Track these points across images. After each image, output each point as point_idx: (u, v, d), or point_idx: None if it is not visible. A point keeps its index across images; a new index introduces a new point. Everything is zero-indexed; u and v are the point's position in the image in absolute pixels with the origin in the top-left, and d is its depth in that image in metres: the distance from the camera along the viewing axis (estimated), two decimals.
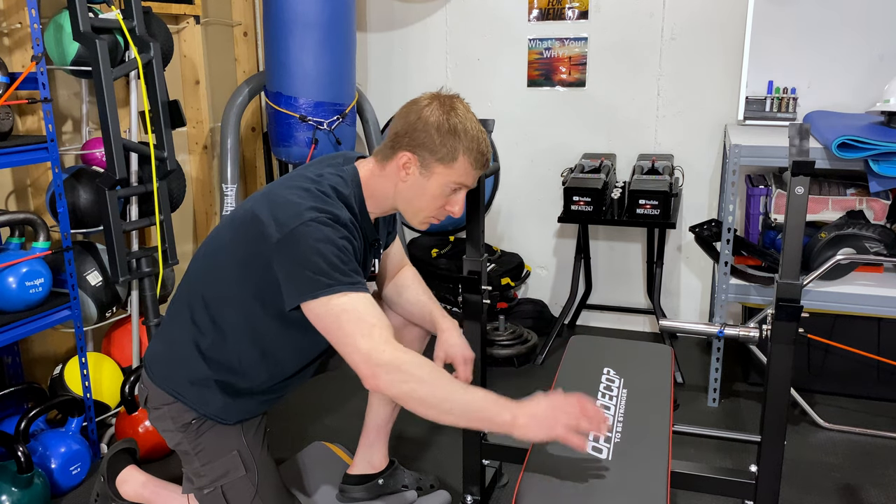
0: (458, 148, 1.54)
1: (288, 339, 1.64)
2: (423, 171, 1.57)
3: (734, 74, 3.02)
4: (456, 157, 1.55)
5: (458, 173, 1.57)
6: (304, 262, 1.44)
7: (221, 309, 1.62)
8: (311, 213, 1.47)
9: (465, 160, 1.55)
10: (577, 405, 1.35)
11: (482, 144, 1.58)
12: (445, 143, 1.54)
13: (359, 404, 2.70)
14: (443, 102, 1.57)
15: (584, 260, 3.32)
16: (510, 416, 1.36)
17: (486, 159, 1.60)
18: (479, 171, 1.60)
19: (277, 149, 3.05)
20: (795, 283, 1.56)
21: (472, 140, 1.55)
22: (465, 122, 1.55)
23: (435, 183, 1.57)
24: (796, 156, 1.54)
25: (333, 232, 1.47)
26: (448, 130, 1.54)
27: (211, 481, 1.72)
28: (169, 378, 1.69)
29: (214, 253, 1.65)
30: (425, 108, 1.56)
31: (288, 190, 1.55)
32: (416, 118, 1.56)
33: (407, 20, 3.50)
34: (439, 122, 1.54)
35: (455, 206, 1.62)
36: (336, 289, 1.44)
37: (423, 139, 1.55)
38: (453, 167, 1.56)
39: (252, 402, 1.73)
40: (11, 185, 2.47)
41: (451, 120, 1.54)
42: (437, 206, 1.61)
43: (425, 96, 1.60)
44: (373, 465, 2.03)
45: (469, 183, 1.60)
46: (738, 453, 2.37)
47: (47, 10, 2.37)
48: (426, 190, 1.58)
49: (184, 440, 1.71)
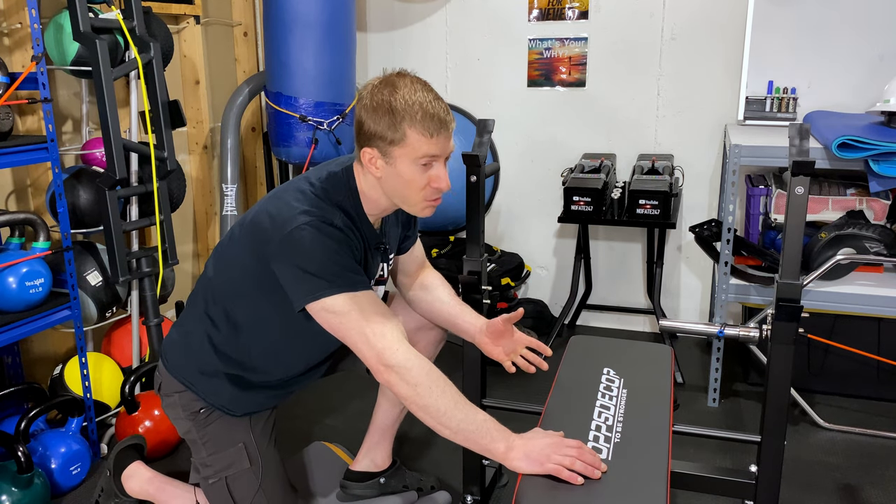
0: (401, 122, 1.47)
1: (298, 337, 1.67)
2: (387, 160, 1.52)
3: (734, 74, 3.02)
4: (404, 133, 1.48)
5: (414, 147, 1.49)
6: (302, 265, 1.46)
7: (234, 305, 1.64)
8: (305, 216, 1.48)
9: (414, 131, 1.47)
10: (575, 449, 1.33)
11: (428, 106, 1.48)
12: (388, 125, 1.48)
13: (360, 405, 2.70)
14: (376, 87, 1.51)
15: (584, 260, 3.32)
16: (505, 446, 1.37)
17: (440, 121, 1.49)
18: (437, 137, 1.49)
19: (277, 149, 3.05)
20: (795, 283, 1.56)
21: (413, 109, 1.47)
22: (401, 96, 1.48)
23: (403, 167, 1.51)
24: (796, 156, 1.54)
25: (327, 233, 1.48)
26: (385, 111, 1.48)
27: (216, 472, 1.74)
28: (181, 367, 1.72)
29: (228, 249, 1.68)
30: (361, 99, 1.53)
31: (286, 193, 1.56)
32: (359, 111, 1.53)
33: (407, 20, 3.50)
34: (375, 106, 1.49)
35: (439, 181, 1.54)
36: (336, 290, 1.45)
37: (369, 129, 1.50)
38: (406, 144, 1.48)
39: (261, 396, 1.75)
40: (11, 185, 2.47)
41: (385, 100, 1.48)
42: (419, 187, 1.54)
43: (365, 86, 1.55)
44: (376, 464, 2.04)
45: (435, 151, 1.50)
46: (738, 453, 2.37)
47: (47, 10, 2.37)
48: (400, 176, 1.52)
49: (192, 428, 1.73)
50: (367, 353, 1.46)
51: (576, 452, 1.31)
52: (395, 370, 1.43)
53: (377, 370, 1.45)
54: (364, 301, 1.47)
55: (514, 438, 1.38)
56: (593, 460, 1.32)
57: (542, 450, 1.33)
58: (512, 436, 1.39)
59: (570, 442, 1.35)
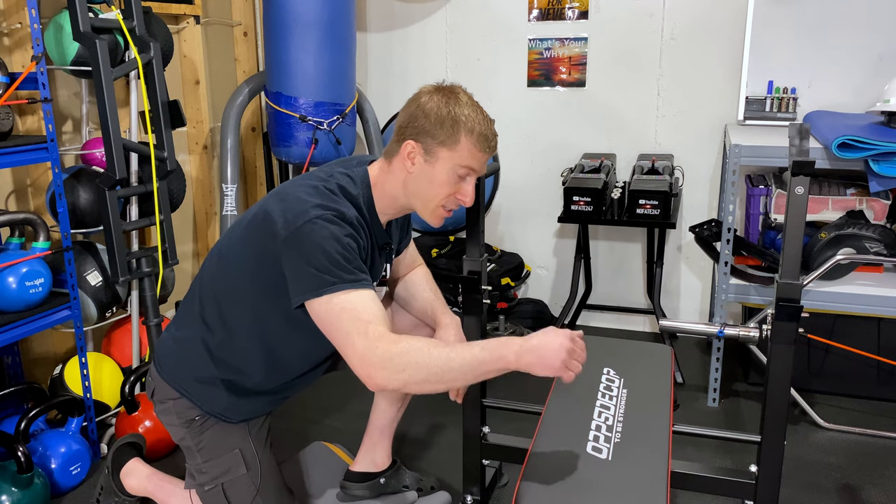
0: (460, 129, 1.53)
1: (295, 341, 1.64)
2: (427, 157, 1.56)
3: (734, 74, 3.02)
4: (458, 139, 1.54)
5: (462, 155, 1.55)
6: (309, 260, 1.44)
7: (231, 307, 1.63)
8: (317, 210, 1.48)
9: (468, 141, 1.54)
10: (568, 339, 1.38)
11: (485, 126, 1.57)
12: (446, 127, 1.54)
13: (359, 405, 2.70)
14: (443, 91, 1.59)
15: (584, 260, 3.32)
16: (513, 355, 1.37)
17: (490, 142, 1.58)
18: (484, 154, 1.58)
19: (277, 149, 3.05)
20: (795, 283, 1.56)
21: (474, 121, 1.55)
22: (465, 107, 1.56)
23: (441, 168, 1.56)
24: (796, 156, 1.54)
25: (339, 229, 1.47)
26: (448, 114, 1.54)
27: (212, 478, 1.73)
28: (176, 373, 1.69)
29: (227, 251, 1.66)
30: (425, 96, 1.58)
31: (297, 188, 1.56)
32: (415, 107, 1.58)
33: (407, 20, 3.50)
34: (439, 107, 1.55)
35: (466, 195, 1.60)
36: (339, 287, 1.43)
37: (423, 125, 1.55)
38: (456, 149, 1.54)
39: (257, 402, 1.74)
40: (11, 185, 2.47)
41: (450, 105, 1.55)
42: (445, 193, 1.58)
43: (426, 88, 1.61)
44: (375, 464, 2.04)
45: (476, 167, 1.58)
46: (738, 453, 2.37)
47: (47, 10, 2.37)
48: (433, 177, 1.57)
49: (187, 436, 1.72)
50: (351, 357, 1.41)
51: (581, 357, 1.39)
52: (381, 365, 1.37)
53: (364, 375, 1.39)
54: (357, 298, 1.43)
55: (518, 344, 1.39)
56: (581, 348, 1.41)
57: (557, 353, 1.37)
58: (512, 342, 1.39)
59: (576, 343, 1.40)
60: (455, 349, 1.39)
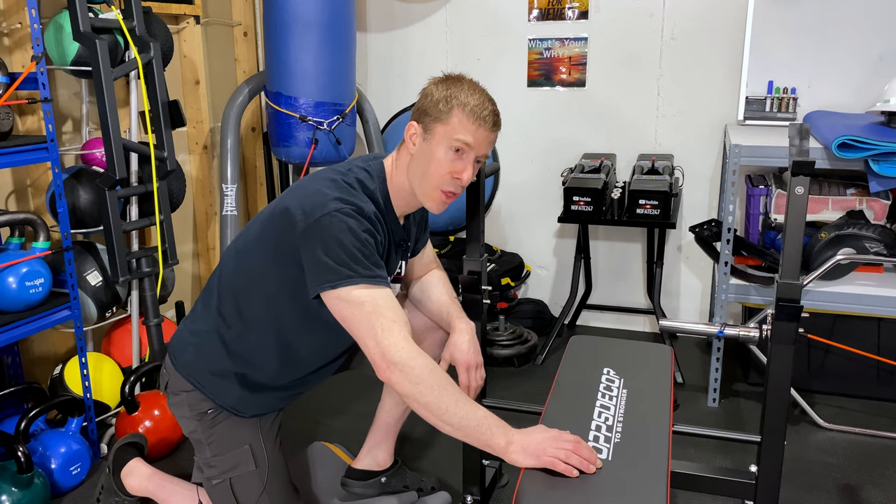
0: (453, 104, 1.57)
1: (310, 335, 1.66)
2: (426, 136, 1.59)
3: (734, 74, 3.02)
4: (451, 114, 1.56)
5: (455, 128, 1.56)
6: (327, 252, 1.46)
7: (248, 300, 1.64)
8: (336, 203, 1.50)
9: (460, 113, 1.56)
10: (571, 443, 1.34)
11: (479, 101, 1.58)
12: (441, 104, 1.58)
13: (361, 406, 2.70)
14: (449, 77, 1.63)
15: (584, 260, 3.32)
16: (504, 441, 1.38)
17: (482, 115, 1.57)
18: (477, 126, 1.57)
19: (277, 149, 3.05)
20: (795, 283, 1.56)
21: (469, 97, 1.57)
22: (464, 87, 1.59)
23: (437, 144, 1.58)
24: (796, 156, 1.54)
25: (356, 224, 1.49)
26: (445, 93, 1.58)
27: (220, 473, 1.73)
28: (190, 366, 1.70)
29: (245, 245, 1.67)
30: (431, 85, 1.63)
31: (316, 181, 1.58)
32: (421, 94, 1.63)
33: (407, 20, 3.50)
34: (439, 90, 1.60)
35: (463, 172, 1.60)
36: (356, 280, 1.46)
37: (422, 105, 1.61)
38: (450, 123, 1.56)
39: (270, 397, 1.75)
40: (11, 185, 2.47)
41: (450, 87, 1.59)
42: (443, 172, 1.59)
43: (435, 77, 1.66)
44: (377, 463, 2.04)
45: (469, 140, 1.57)
46: (738, 453, 2.37)
47: (47, 10, 2.37)
48: (432, 155, 1.59)
49: (198, 428, 1.72)
50: (372, 349, 1.46)
51: (572, 446, 1.33)
52: (399, 367, 1.43)
53: (380, 367, 1.45)
54: (379, 296, 1.48)
55: (514, 433, 1.39)
56: (589, 455, 1.33)
57: (540, 443, 1.34)
58: (511, 431, 1.40)
59: (567, 436, 1.36)
60: (469, 401, 1.44)
